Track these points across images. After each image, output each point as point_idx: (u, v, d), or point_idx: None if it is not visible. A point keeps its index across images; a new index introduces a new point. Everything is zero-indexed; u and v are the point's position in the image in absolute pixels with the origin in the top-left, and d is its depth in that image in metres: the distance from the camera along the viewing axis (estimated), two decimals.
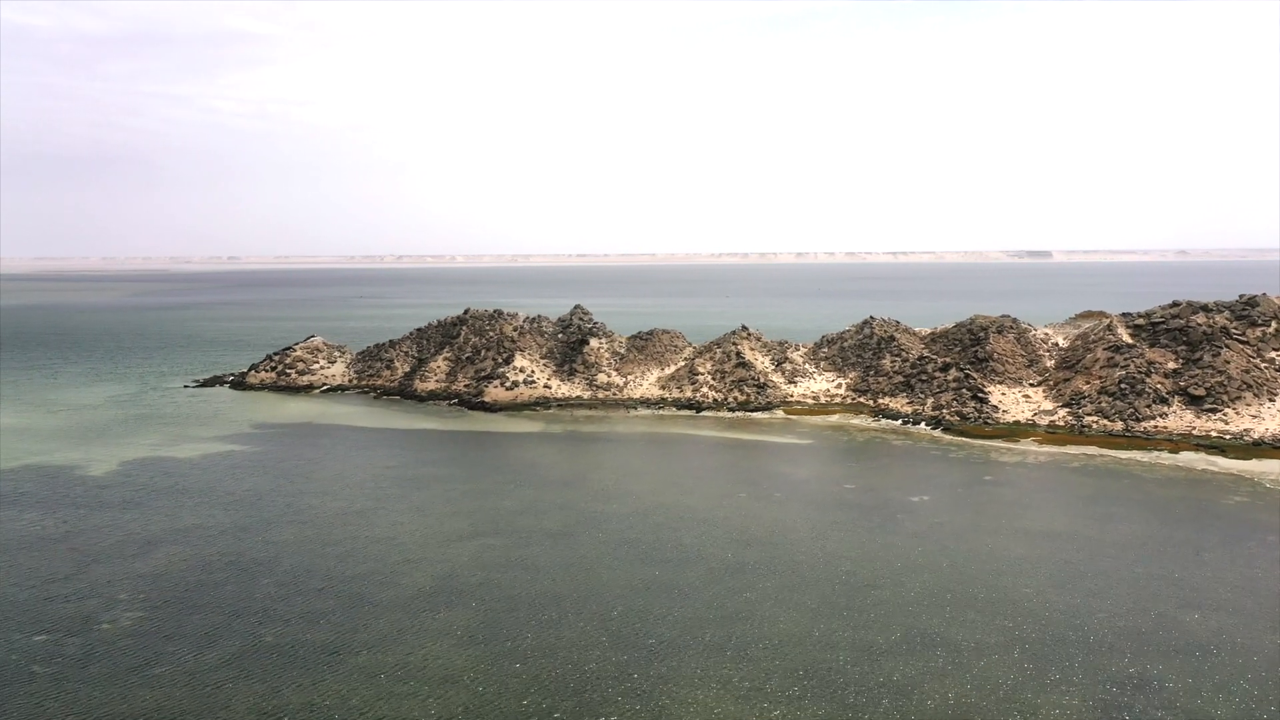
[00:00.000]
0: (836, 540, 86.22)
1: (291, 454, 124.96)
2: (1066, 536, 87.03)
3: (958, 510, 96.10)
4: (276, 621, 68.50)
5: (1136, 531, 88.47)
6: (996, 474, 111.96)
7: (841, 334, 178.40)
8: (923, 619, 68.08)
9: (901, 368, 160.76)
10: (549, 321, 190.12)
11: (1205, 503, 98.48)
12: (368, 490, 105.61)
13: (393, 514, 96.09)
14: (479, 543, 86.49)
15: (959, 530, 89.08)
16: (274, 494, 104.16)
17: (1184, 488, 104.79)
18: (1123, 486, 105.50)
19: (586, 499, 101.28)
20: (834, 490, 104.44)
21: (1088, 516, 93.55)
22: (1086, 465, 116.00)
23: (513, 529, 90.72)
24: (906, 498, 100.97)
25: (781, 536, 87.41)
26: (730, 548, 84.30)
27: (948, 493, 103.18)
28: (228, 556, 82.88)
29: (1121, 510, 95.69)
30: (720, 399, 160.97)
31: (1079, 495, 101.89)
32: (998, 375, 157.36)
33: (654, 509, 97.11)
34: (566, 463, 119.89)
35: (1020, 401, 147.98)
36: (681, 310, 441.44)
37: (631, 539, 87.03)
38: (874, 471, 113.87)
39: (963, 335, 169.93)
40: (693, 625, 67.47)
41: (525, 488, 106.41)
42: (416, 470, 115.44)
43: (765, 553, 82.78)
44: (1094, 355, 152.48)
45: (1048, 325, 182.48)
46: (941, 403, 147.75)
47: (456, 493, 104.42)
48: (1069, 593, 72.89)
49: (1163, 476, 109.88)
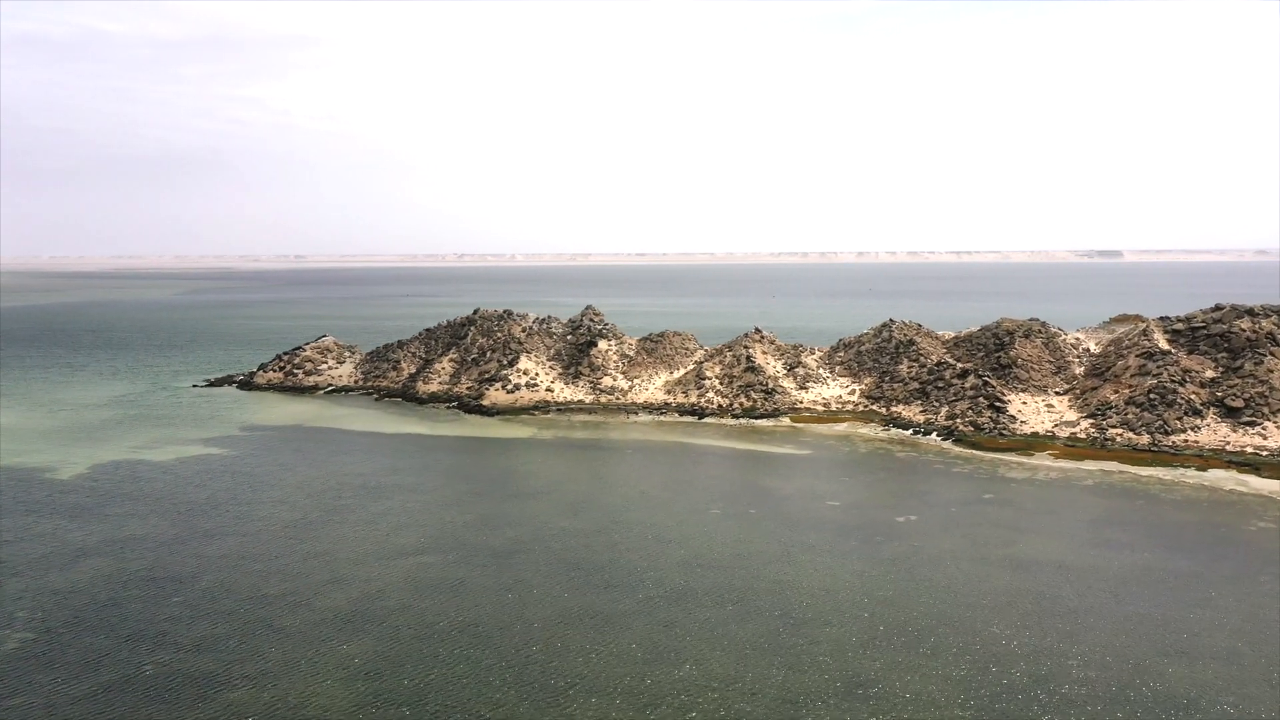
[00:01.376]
0: (799, 566, 79.11)
1: (266, 459, 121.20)
2: (1057, 566, 78.79)
3: (944, 533, 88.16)
4: (167, 648, 63.80)
5: (1138, 561, 79.82)
6: (999, 491, 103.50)
7: (859, 337, 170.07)
8: (867, 663, 60.87)
9: (918, 374, 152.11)
10: (559, 323, 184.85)
11: (1225, 528, 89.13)
12: (326, 500, 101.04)
13: (341, 526, 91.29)
14: (416, 560, 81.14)
15: (938, 556, 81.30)
16: (230, 502, 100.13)
17: (1204, 510, 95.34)
18: (1135, 508, 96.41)
19: (548, 513, 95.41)
20: (815, 508, 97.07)
21: (1087, 543, 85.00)
22: (1100, 483, 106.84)
23: (459, 545, 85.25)
24: (892, 518, 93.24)
25: (740, 560, 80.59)
26: (681, 572, 77.75)
27: (939, 512, 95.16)
28: (150, 571, 78.68)
29: (1127, 536, 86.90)
30: (726, 405, 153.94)
31: (1083, 518, 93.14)
32: (1021, 383, 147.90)
33: (615, 525, 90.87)
34: (543, 472, 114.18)
35: (1041, 411, 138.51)
36: (720, 311, 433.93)
37: (578, 560, 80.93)
38: (866, 487, 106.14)
39: (987, 340, 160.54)
40: (613, 664, 61.18)
41: (489, 500, 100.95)
42: (385, 478, 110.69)
43: (717, 579, 76.07)
44: (1125, 362, 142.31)
45: (1080, 329, 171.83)
46: (956, 412, 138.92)
47: (416, 504, 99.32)
48: (1042, 633, 64.99)
49: (1182, 497, 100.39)
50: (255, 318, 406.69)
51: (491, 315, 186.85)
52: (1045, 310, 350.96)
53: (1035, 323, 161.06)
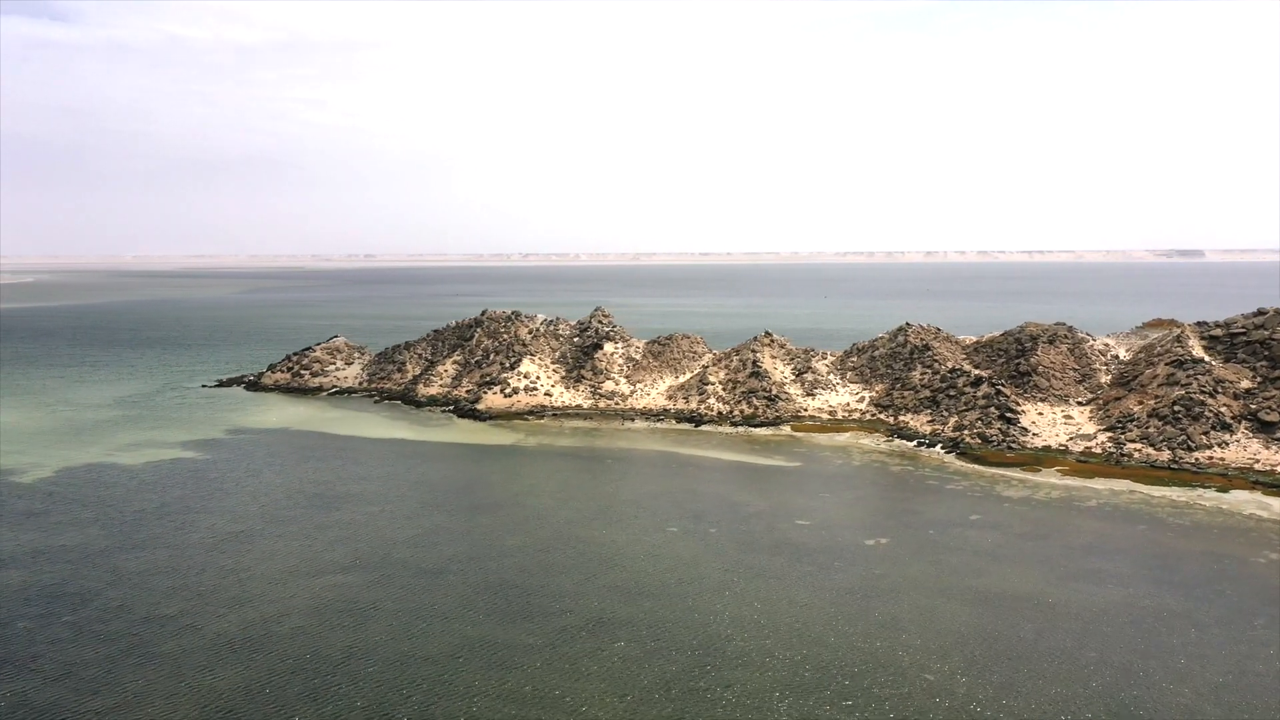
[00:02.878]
0: (739, 595, 72.56)
1: (237, 465, 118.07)
2: (1026, 601, 70.98)
3: (913, 559, 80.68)
4: (28, 676, 59.87)
5: (1119, 597, 71.60)
6: (988, 512, 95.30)
7: (874, 341, 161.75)
8: (769, 714, 54.25)
9: (930, 381, 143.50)
10: (568, 324, 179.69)
11: (1230, 560, 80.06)
12: (272, 510, 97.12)
13: (277, 540, 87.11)
14: (336, 580, 76.48)
15: (896, 587, 74.00)
16: (179, 511, 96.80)
17: (1212, 538, 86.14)
18: (1134, 534, 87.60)
19: (496, 529, 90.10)
20: (782, 527, 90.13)
21: (1068, 573, 76.82)
22: (1105, 504, 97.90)
23: (388, 563, 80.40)
24: (861, 540, 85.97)
25: (678, 587, 74.30)
26: (609, 599, 71.79)
27: (914, 535, 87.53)
28: (60, 586, 75.26)
29: (1116, 566, 78.47)
30: (727, 412, 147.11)
31: (1073, 544, 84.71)
32: (1040, 391, 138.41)
33: (560, 544, 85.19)
34: (510, 483, 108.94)
35: (1058, 423, 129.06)
36: (764, 311, 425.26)
37: (506, 583, 75.45)
38: (845, 505, 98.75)
39: (1009, 345, 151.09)
40: (494, 708, 55.62)
41: (442, 512, 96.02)
42: (346, 487, 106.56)
43: (644, 608, 69.93)
44: (1153, 371, 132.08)
45: (1110, 335, 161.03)
46: (965, 422, 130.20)
47: (364, 516, 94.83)
48: (979, 682, 57.63)
49: (1192, 522, 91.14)
50: (300, 316, 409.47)
51: (499, 316, 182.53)
52: (1108, 312, 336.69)
53: (1061, 327, 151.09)
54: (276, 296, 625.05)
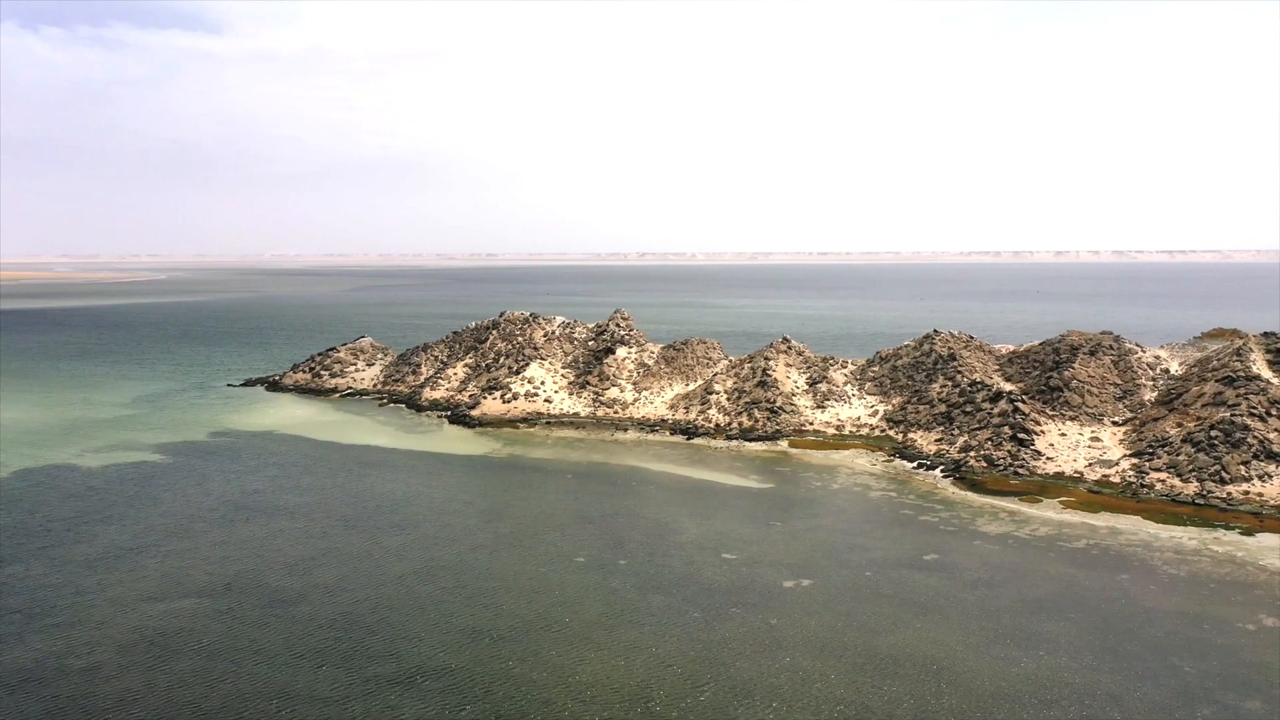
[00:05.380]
0: (594, 646, 63.47)
1: (193, 471, 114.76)
2: (929, 668, 59.63)
3: (827, 607, 69.86)
4: None
5: (1044, 670, 59.46)
6: (950, 551, 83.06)
7: (898, 350, 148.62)
8: None
9: (949, 395, 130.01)
10: (585, 327, 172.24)
11: (1209, 626, 66.42)
12: (185, 523, 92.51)
13: (159, 557, 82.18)
14: (179, 607, 70.71)
15: (785, 641, 63.54)
16: (89, 521, 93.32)
17: (1202, 596, 72.14)
18: (1107, 586, 74.26)
19: (391, 552, 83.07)
20: (700, 562, 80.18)
21: (999, 634, 64.81)
22: (1094, 546, 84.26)
23: (249, 589, 74.33)
24: (780, 581, 75.43)
25: (538, 631, 65.68)
26: (450, 643, 63.81)
27: (847, 577, 76.42)
28: None
29: (1060, 628, 65.95)
30: (725, 423, 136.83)
31: (1026, 596, 72.18)
32: (1071, 409, 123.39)
33: (446, 572, 77.60)
34: (446, 499, 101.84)
35: (1080, 446, 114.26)
36: (851, 315, 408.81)
37: (351, 619, 68.28)
38: (788, 536, 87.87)
39: (1045, 356, 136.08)
40: None
41: (349, 531, 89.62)
42: (276, 498, 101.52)
43: (474, 659, 61.67)
44: (1200, 388, 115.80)
45: (1164, 345, 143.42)
46: (974, 442, 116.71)
47: (267, 532, 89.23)
48: None
49: (1189, 573, 77.00)
50: (389, 313, 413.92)
51: (516, 319, 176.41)
52: (1236, 318, 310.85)
53: (1107, 336, 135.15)
54: (379, 294, 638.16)
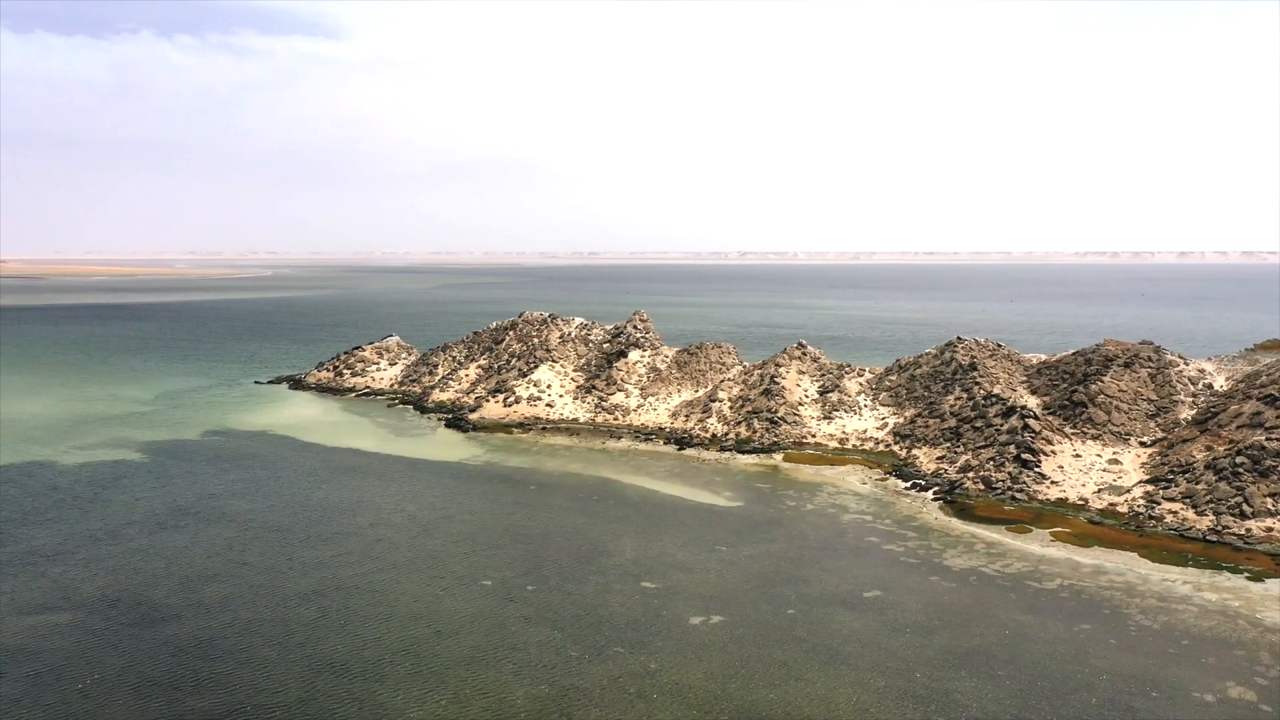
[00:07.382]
0: (449, 686, 57.46)
1: (162, 472, 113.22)
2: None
3: (722, 650, 62.21)
4: None
5: None
6: (897, 588, 74.12)
7: (918, 358, 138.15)
8: None
9: (962, 408, 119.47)
10: (602, 329, 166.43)
11: (1164, 691, 56.41)
12: (117, 527, 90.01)
13: (80, 564, 79.43)
14: (32, 623, 67.13)
15: (646, 693, 56.42)
16: (28, 523, 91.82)
17: (1169, 655, 61.76)
18: (1063, 638, 64.47)
19: (297, 568, 78.70)
20: (616, 590, 73.22)
21: (903, 693, 56.23)
22: (1065, 588, 74.08)
23: (124, 603, 70.80)
24: (688, 617, 68.05)
25: (387, 665, 60.09)
26: (287, 677, 58.79)
27: (765, 614, 68.49)
28: None
29: (987, 690, 56.92)
30: (722, 434, 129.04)
31: (958, 648, 63.06)
32: (1095, 426, 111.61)
33: (335, 592, 72.76)
34: (393, 509, 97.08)
35: (1094, 469, 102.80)
36: (931, 319, 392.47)
37: (204, 643, 63.90)
38: (727, 563, 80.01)
39: (1076, 367, 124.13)
40: None
41: (272, 542, 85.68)
42: (222, 503, 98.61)
43: (302, 695, 56.35)
44: (1239, 407, 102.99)
45: (1212, 358, 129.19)
46: (976, 461, 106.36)
47: (190, 540, 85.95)
48: None
49: (1165, 625, 66.48)
50: (460, 310, 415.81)
51: (534, 320, 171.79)
52: None
53: (1146, 347, 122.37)
54: (462, 293, 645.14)
